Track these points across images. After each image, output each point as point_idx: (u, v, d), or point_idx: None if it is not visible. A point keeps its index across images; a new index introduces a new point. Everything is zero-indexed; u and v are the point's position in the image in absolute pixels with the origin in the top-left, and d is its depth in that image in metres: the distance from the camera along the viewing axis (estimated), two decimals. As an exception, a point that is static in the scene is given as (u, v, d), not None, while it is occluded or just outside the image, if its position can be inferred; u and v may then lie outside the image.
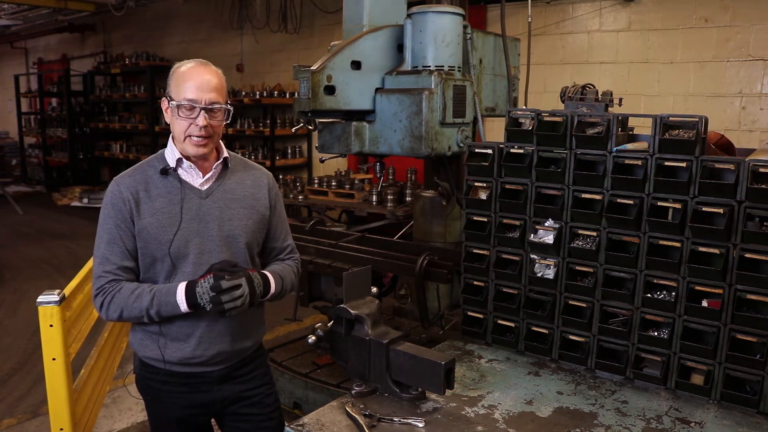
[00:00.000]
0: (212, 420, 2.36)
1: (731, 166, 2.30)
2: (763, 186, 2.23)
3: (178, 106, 2.03)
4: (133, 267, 2.10)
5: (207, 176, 2.15)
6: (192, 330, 2.10)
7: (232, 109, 2.13)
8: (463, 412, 2.22)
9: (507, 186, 2.79)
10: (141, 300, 2.02)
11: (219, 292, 1.95)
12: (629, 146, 2.52)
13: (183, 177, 2.13)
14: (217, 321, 2.11)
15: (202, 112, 2.03)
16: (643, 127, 2.69)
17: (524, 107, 3.87)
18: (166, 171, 2.11)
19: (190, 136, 2.05)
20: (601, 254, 2.57)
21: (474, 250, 2.91)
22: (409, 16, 3.20)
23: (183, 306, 2.01)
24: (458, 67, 3.26)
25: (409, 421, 2.09)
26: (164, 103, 2.11)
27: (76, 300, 2.95)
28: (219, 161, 2.17)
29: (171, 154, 2.13)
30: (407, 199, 6.94)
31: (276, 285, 2.17)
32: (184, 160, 2.11)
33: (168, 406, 2.20)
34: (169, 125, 2.12)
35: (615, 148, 2.52)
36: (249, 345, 2.24)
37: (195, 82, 2.04)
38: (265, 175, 2.31)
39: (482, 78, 3.62)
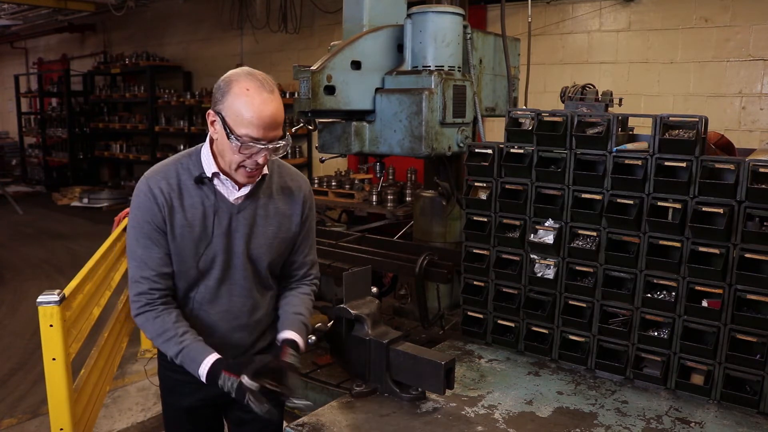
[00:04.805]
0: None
1: (731, 166, 2.30)
2: (763, 186, 2.23)
3: (239, 144, 1.88)
4: (171, 272, 2.04)
5: (243, 192, 2.05)
6: (210, 340, 2.08)
7: (291, 142, 1.99)
8: (463, 412, 2.22)
9: (507, 186, 2.79)
10: (168, 347, 2.00)
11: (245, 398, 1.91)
12: (629, 146, 2.52)
13: (218, 188, 2.04)
14: (233, 334, 2.14)
15: (264, 151, 1.91)
16: (643, 127, 2.69)
17: (524, 107, 3.87)
18: (201, 180, 2.02)
19: (243, 167, 1.96)
20: (601, 254, 2.57)
21: (474, 250, 2.90)
22: (409, 16, 3.20)
23: (203, 380, 1.98)
24: (458, 67, 3.26)
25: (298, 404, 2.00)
26: (210, 116, 1.95)
27: (76, 300, 2.95)
28: (258, 177, 2.07)
29: (209, 163, 2.02)
30: (407, 199, 6.94)
31: (304, 341, 2.16)
32: (221, 173, 2.02)
33: (181, 396, 2.20)
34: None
35: (615, 148, 2.52)
36: (264, 345, 2.24)
37: (259, 118, 1.87)
38: (302, 190, 2.20)
39: (482, 78, 3.62)
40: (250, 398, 1.88)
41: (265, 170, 2.09)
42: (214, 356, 1.97)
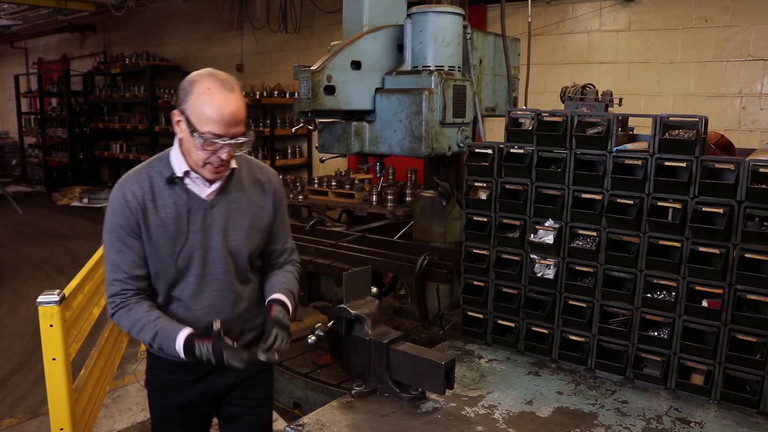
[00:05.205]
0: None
1: (731, 166, 2.30)
2: (763, 186, 2.23)
3: (202, 140, 1.95)
4: (144, 274, 2.10)
5: (214, 188, 2.12)
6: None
7: (254, 138, 2.06)
8: (463, 412, 2.22)
9: (507, 186, 2.79)
10: (144, 333, 2.04)
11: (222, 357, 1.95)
12: (629, 146, 2.52)
13: (190, 187, 2.10)
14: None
15: (227, 146, 1.98)
16: (643, 127, 2.69)
17: (524, 107, 3.87)
18: (173, 180, 2.07)
19: (209, 163, 2.02)
20: (601, 254, 2.57)
21: (474, 250, 2.90)
22: (409, 16, 3.20)
23: (182, 355, 2.01)
24: (458, 67, 3.25)
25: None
26: (175, 116, 2.02)
27: (76, 300, 2.95)
28: (227, 172, 2.13)
29: (178, 163, 2.08)
30: (407, 199, 6.94)
31: (292, 305, 2.21)
32: (191, 171, 2.08)
33: (175, 394, 2.22)
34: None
35: (615, 148, 2.51)
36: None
37: (220, 115, 1.94)
38: (271, 181, 2.28)
39: (482, 78, 3.62)
40: (228, 358, 1.93)
41: (234, 164, 2.14)
42: (186, 331, 2.01)
